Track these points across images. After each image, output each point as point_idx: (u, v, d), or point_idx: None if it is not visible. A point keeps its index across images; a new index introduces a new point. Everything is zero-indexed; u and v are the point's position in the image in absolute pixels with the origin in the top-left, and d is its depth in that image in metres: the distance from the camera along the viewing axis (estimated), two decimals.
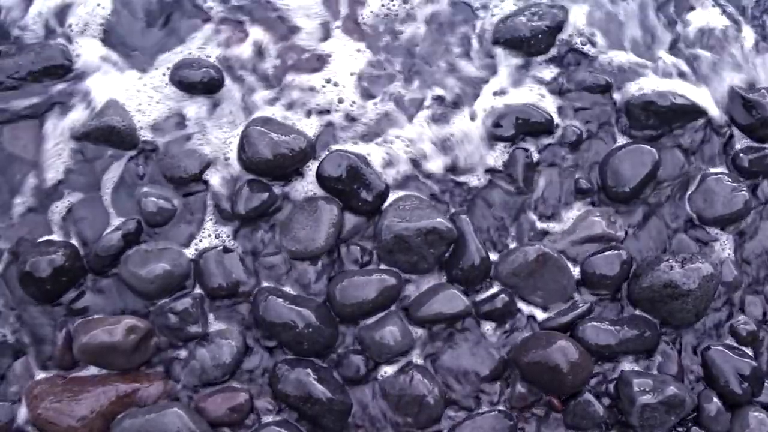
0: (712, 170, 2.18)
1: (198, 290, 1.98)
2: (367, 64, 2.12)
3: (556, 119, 2.13)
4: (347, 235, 2.03)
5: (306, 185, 2.03)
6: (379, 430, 1.97)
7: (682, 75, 2.20)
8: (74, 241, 1.97)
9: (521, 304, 2.05)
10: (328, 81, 2.10)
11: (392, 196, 2.04)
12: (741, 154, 2.19)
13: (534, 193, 2.11)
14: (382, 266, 2.02)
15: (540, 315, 2.05)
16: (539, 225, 2.10)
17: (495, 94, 2.13)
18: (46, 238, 1.96)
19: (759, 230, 2.18)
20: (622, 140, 2.15)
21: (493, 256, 2.05)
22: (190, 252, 1.98)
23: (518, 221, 2.09)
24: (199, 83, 2.03)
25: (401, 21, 2.16)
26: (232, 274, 1.97)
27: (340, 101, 2.09)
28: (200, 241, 2.00)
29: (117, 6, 2.08)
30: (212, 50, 2.09)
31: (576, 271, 2.06)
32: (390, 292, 1.96)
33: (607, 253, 2.05)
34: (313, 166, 2.02)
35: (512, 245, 2.07)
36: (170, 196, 2.01)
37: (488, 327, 2.03)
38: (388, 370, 1.98)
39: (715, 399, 2.04)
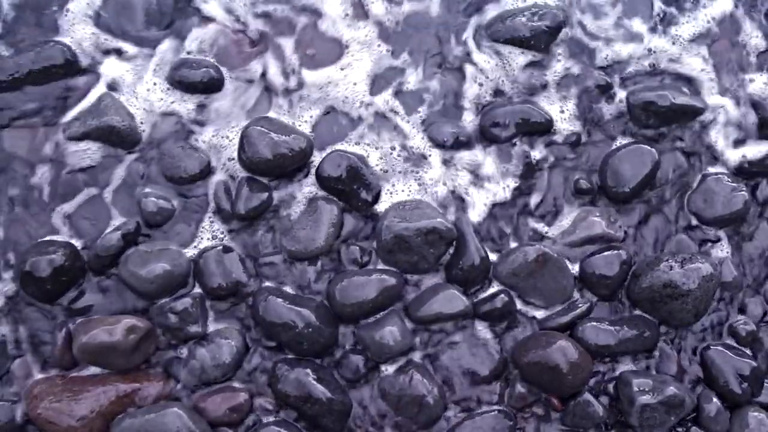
0: (712, 170, 2.18)
1: (198, 290, 1.98)
2: (374, 61, 2.12)
3: (556, 119, 2.13)
4: (347, 235, 2.04)
5: (306, 185, 2.03)
6: (378, 430, 1.97)
7: (682, 74, 2.20)
8: (75, 241, 1.97)
9: (521, 304, 2.05)
10: (329, 79, 2.09)
11: (392, 197, 2.04)
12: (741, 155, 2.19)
13: (534, 193, 2.11)
14: (382, 266, 2.02)
15: (540, 315, 2.05)
16: (539, 225, 2.10)
17: (495, 93, 2.13)
18: (46, 237, 1.96)
19: (759, 230, 2.18)
20: (622, 140, 2.15)
21: (493, 257, 2.05)
22: (189, 252, 1.99)
23: (518, 221, 2.09)
24: (200, 83, 2.03)
25: (411, 11, 2.16)
26: (232, 274, 1.97)
27: (344, 100, 2.08)
28: (200, 240, 2.00)
29: (118, 4, 2.07)
30: (214, 49, 2.08)
31: (576, 271, 2.06)
32: (390, 292, 1.96)
33: (606, 253, 2.05)
34: (314, 166, 2.03)
35: (512, 245, 2.07)
36: (170, 196, 2.01)
37: (488, 327, 2.03)
38: (387, 370, 1.99)
39: (715, 399, 2.04)
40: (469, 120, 2.11)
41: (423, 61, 2.14)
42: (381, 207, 2.04)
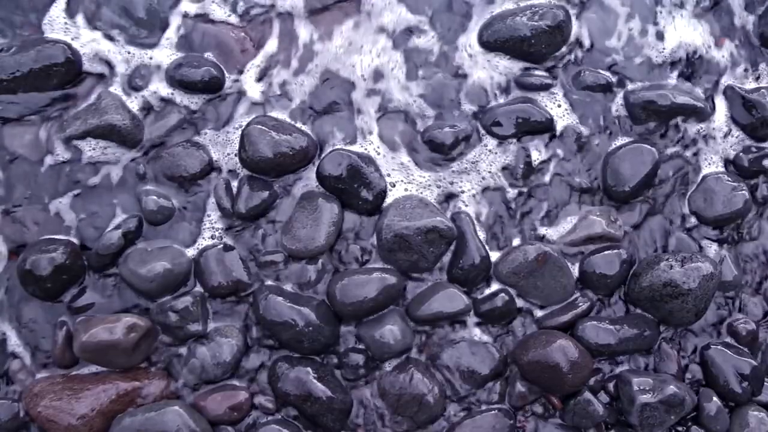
0: (712, 170, 2.18)
1: (198, 288, 1.98)
2: (378, 54, 2.12)
3: (557, 118, 2.13)
4: (348, 234, 2.04)
5: (308, 183, 2.04)
6: (378, 428, 1.97)
7: (682, 74, 2.21)
8: (76, 240, 1.97)
9: (521, 303, 2.05)
10: (326, 80, 2.10)
11: (392, 196, 2.04)
12: (741, 154, 2.19)
13: (534, 192, 2.11)
14: (382, 265, 2.03)
15: (540, 314, 2.05)
16: (539, 224, 2.10)
17: (496, 92, 2.13)
18: (47, 236, 1.96)
19: (759, 230, 2.19)
20: (622, 139, 2.15)
21: (493, 256, 2.05)
22: (190, 250, 1.99)
23: (518, 220, 2.09)
24: (200, 81, 2.03)
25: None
26: (233, 273, 1.97)
27: (347, 101, 2.09)
28: (201, 239, 2.00)
29: (119, 2, 2.07)
30: (214, 48, 2.08)
31: (576, 271, 2.06)
32: (390, 291, 1.96)
33: (606, 252, 2.06)
34: (315, 165, 2.03)
35: (512, 244, 2.07)
36: (171, 195, 2.01)
37: (488, 326, 2.04)
38: (388, 369, 1.99)
39: (715, 398, 2.04)
40: (470, 119, 2.11)
41: (423, 61, 2.14)
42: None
